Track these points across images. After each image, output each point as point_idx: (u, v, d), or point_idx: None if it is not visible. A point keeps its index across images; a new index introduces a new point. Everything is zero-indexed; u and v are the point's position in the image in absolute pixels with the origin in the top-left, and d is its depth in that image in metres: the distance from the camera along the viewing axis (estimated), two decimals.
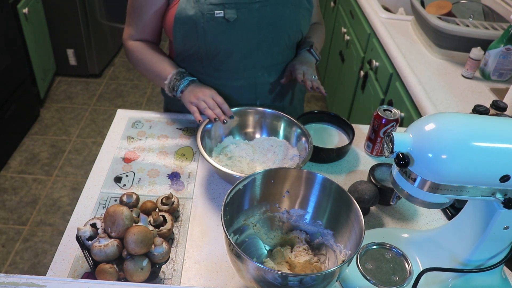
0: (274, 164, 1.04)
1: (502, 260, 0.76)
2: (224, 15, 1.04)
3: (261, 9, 1.07)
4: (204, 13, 1.03)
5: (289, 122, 1.10)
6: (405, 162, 0.65)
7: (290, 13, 1.10)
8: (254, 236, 0.87)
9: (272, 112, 1.11)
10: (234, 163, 1.04)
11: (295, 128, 1.09)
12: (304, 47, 1.22)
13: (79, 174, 2.44)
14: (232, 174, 0.93)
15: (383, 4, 2.10)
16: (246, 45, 1.10)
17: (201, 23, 1.04)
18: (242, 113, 1.12)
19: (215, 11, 1.03)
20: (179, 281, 0.82)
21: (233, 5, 1.04)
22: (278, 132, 1.12)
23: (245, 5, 1.05)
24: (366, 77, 2.00)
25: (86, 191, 1.00)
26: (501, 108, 1.05)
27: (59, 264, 0.84)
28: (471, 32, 1.57)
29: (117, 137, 1.16)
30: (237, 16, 1.04)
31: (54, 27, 2.91)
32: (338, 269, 0.69)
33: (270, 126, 1.13)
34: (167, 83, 1.11)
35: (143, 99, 3.09)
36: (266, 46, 1.12)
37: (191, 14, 1.04)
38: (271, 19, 1.08)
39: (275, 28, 1.10)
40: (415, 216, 0.99)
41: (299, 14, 1.13)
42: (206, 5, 1.03)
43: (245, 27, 1.07)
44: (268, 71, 1.17)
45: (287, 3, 1.09)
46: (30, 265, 1.95)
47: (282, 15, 1.09)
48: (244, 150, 1.07)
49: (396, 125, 1.11)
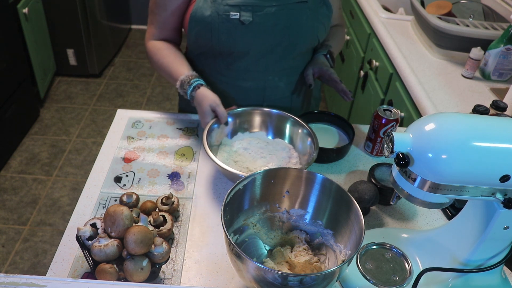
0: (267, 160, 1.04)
1: (502, 260, 0.76)
2: (239, 17, 1.03)
3: (277, 13, 1.05)
4: (220, 13, 1.03)
5: (295, 122, 1.09)
6: (405, 162, 0.65)
7: (307, 19, 1.09)
8: (254, 236, 0.87)
9: (278, 112, 1.11)
10: (236, 163, 1.04)
11: (301, 129, 1.08)
12: (321, 52, 1.20)
13: (79, 174, 2.44)
14: (236, 173, 0.92)
15: (383, 4, 2.10)
16: (259, 48, 1.09)
17: (216, 24, 1.04)
18: (248, 113, 1.12)
19: (230, 13, 1.03)
20: (179, 281, 0.82)
21: (249, 8, 1.04)
22: (284, 133, 1.12)
23: (261, 9, 1.04)
24: (366, 77, 2.00)
25: (86, 191, 1.00)
26: (501, 108, 1.05)
27: (59, 264, 0.84)
28: (471, 32, 1.57)
29: (117, 137, 1.16)
30: (252, 19, 1.04)
31: (54, 27, 2.92)
32: (338, 269, 0.69)
33: (276, 127, 1.12)
34: (178, 86, 1.11)
35: (143, 99, 3.09)
36: (280, 51, 1.11)
37: (207, 14, 1.04)
38: (287, 24, 1.07)
39: (290, 33, 1.08)
40: (415, 216, 0.99)
41: (317, 20, 1.10)
42: (223, 6, 1.03)
43: (259, 30, 1.06)
44: (278, 76, 1.16)
45: (304, 8, 1.07)
46: (30, 265, 1.95)
47: (298, 20, 1.08)
48: (247, 151, 1.07)
49: (396, 125, 1.11)
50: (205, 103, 1.05)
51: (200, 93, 1.06)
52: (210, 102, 1.05)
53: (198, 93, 1.07)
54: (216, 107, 1.05)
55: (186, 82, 1.08)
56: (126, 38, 3.77)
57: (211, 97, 1.06)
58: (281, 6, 1.05)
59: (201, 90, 1.07)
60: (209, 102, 1.05)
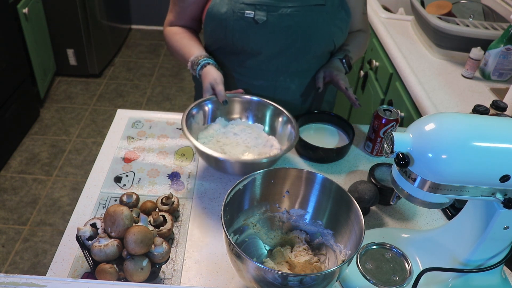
0: (250, 149, 1.04)
1: (502, 260, 0.76)
2: (254, 16, 1.04)
3: (292, 15, 1.05)
4: (235, 11, 1.04)
5: (275, 110, 1.09)
6: (405, 162, 0.65)
7: (323, 23, 1.08)
8: (254, 236, 0.87)
9: (259, 100, 1.11)
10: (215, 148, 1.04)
11: (281, 116, 1.08)
12: (338, 56, 1.18)
13: (79, 174, 2.44)
14: (211, 154, 0.92)
15: (383, 4, 2.10)
16: (272, 48, 1.09)
17: (230, 21, 1.05)
18: (229, 100, 1.11)
19: (245, 11, 1.04)
20: (179, 281, 0.82)
21: (264, 7, 1.04)
22: (265, 120, 1.12)
23: (276, 9, 1.04)
24: (366, 77, 2.00)
25: (86, 191, 1.00)
26: (501, 108, 1.05)
27: (59, 264, 0.84)
28: (471, 32, 1.57)
29: (117, 137, 1.16)
30: (266, 18, 1.04)
31: (54, 27, 2.91)
32: (338, 269, 0.69)
33: (256, 114, 1.12)
34: (189, 67, 1.12)
35: (143, 99, 3.09)
36: (293, 52, 1.11)
37: (223, 11, 1.05)
38: (301, 26, 1.06)
39: (304, 36, 1.08)
40: (415, 216, 0.99)
41: (333, 24, 1.09)
42: (239, 4, 1.04)
43: (273, 31, 1.06)
44: (290, 77, 1.16)
45: (321, 11, 1.06)
46: (30, 265, 1.95)
47: (314, 23, 1.07)
48: (223, 135, 1.07)
49: (396, 125, 1.11)
50: (206, 81, 1.07)
51: (205, 71, 1.08)
52: (211, 79, 1.06)
53: (203, 71, 1.09)
54: (215, 85, 1.06)
55: (196, 62, 1.10)
56: (126, 38, 3.76)
57: (214, 75, 1.07)
58: (297, 8, 1.05)
59: (207, 68, 1.08)
60: (209, 79, 1.07)
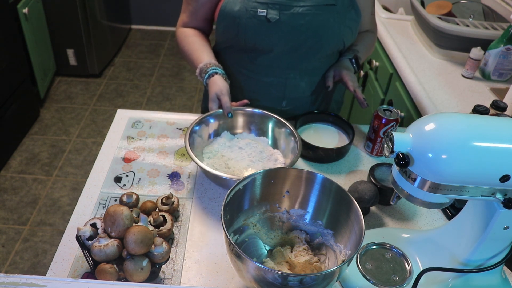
0: (254, 164, 1.04)
1: (502, 260, 0.76)
2: (266, 14, 1.05)
3: (304, 14, 1.06)
4: (248, 9, 1.05)
5: (278, 122, 1.10)
6: (405, 162, 0.65)
7: (334, 22, 1.09)
8: (254, 236, 0.87)
9: (261, 112, 1.11)
10: (219, 163, 1.04)
11: (283, 128, 1.09)
12: (347, 55, 1.20)
13: (79, 174, 2.44)
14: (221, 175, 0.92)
15: (383, 4, 2.10)
16: (283, 46, 1.10)
17: (243, 19, 1.06)
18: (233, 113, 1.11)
19: (258, 9, 1.05)
20: (179, 281, 0.82)
21: (277, 6, 1.05)
22: (267, 132, 1.12)
23: (288, 8, 1.05)
24: (366, 77, 2.00)
25: (86, 191, 1.00)
26: (501, 108, 1.05)
27: (59, 264, 0.84)
28: (471, 32, 1.57)
29: (117, 137, 1.16)
30: (278, 17, 1.05)
31: (54, 27, 2.91)
32: (338, 269, 0.69)
33: (258, 127, 1.13)
34: (197, 73, 1.13)
35: (143, 99, 3.09)
36: (304, 51, 1.12)
37: (236, 9, 1.06)
38: (313, 25, 1.07)
39: (315, 35, 1.09)
40: (415, 216, 0.99)
41: (343, 24, 1.10)
42: (252, 2, 1.05)
43: (285, 29, 1.07)
44: (300, 75, 1.17)
45: (332, 11, 1.08)
46: (30, 265, 1.95)
47: (324, 23, 1.08)
48: (228, 149, 1.07)
49: (396, 125, 1.11)
50: (212, 90, 1.08)
51: (212, 80, 1.09)
52: (217, 90, 1.07)
53: (211, 80, 1.09)
54: (221, 96, 1.07)
55: (204, 70, 1.11)
56: (126, 38, 3.76)
57: (220, 85, 1.08)
58: (309, 7, 1.06)
59: (214, 78, 1.09)
60: (215, 90, 1.07)
